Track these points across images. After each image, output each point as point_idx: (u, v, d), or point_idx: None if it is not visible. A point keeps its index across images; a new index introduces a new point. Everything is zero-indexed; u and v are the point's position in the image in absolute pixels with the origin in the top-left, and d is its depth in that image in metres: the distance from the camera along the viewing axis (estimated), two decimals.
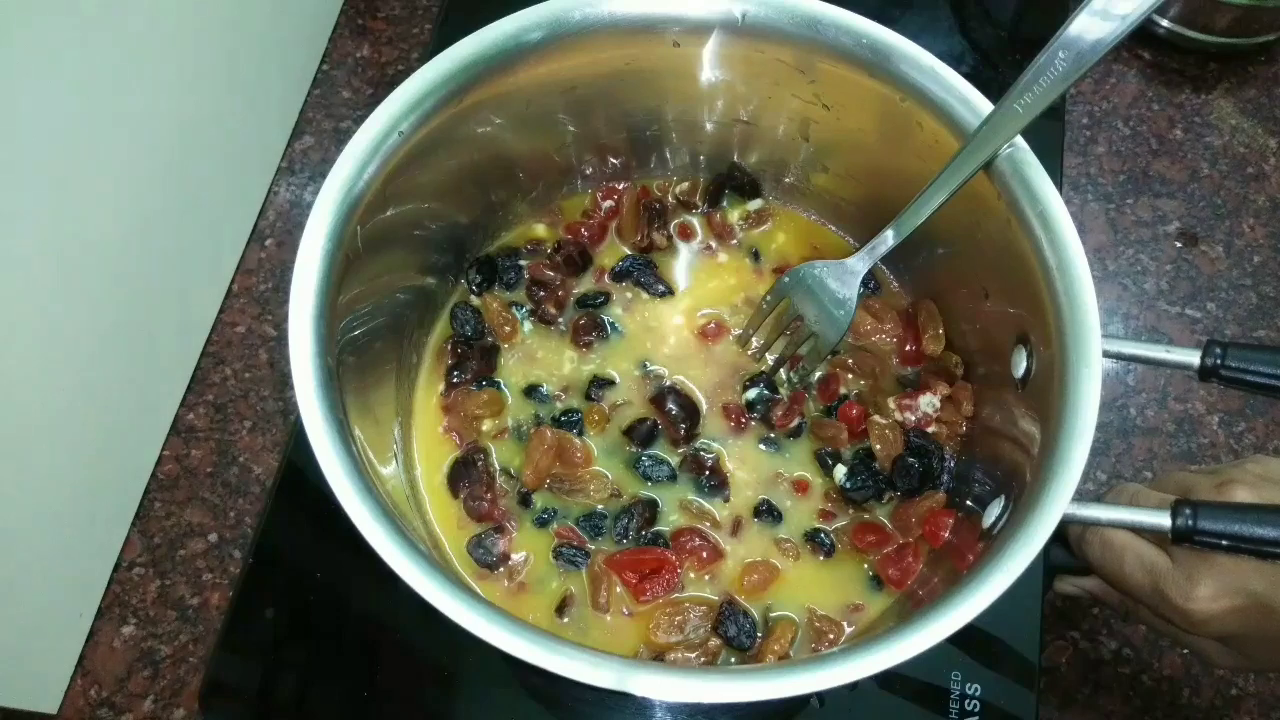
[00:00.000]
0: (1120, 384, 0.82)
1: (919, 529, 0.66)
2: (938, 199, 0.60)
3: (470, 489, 0.68)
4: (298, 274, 0.56)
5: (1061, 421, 0.53)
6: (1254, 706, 0.72)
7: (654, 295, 0.75)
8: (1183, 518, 0.53)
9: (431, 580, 0.49)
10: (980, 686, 0.65)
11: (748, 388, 0.71)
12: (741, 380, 0.72)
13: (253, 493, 0.78)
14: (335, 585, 0.70)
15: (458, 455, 0.69)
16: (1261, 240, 0.88)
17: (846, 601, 0.65)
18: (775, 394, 0.71)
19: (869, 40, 0.63)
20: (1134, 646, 0.73)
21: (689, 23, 0.65)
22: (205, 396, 0.81)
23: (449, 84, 0.61)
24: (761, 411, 0.71)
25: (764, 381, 0.71)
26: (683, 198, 0.78)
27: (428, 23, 0.97)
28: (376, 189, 0.60)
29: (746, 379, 0.72)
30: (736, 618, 0.63)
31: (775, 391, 0.71)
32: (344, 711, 0.67)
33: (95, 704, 0.71)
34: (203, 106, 0.79)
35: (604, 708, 0.67)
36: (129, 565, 0.75)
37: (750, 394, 0.71)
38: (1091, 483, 0.78)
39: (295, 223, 0.88)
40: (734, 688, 0.48)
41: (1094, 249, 0.87)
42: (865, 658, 0.48)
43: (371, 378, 0.65)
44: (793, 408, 0.71)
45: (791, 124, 0.72)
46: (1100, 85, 0.95)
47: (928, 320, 0.72)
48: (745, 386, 0.71)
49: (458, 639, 0.48)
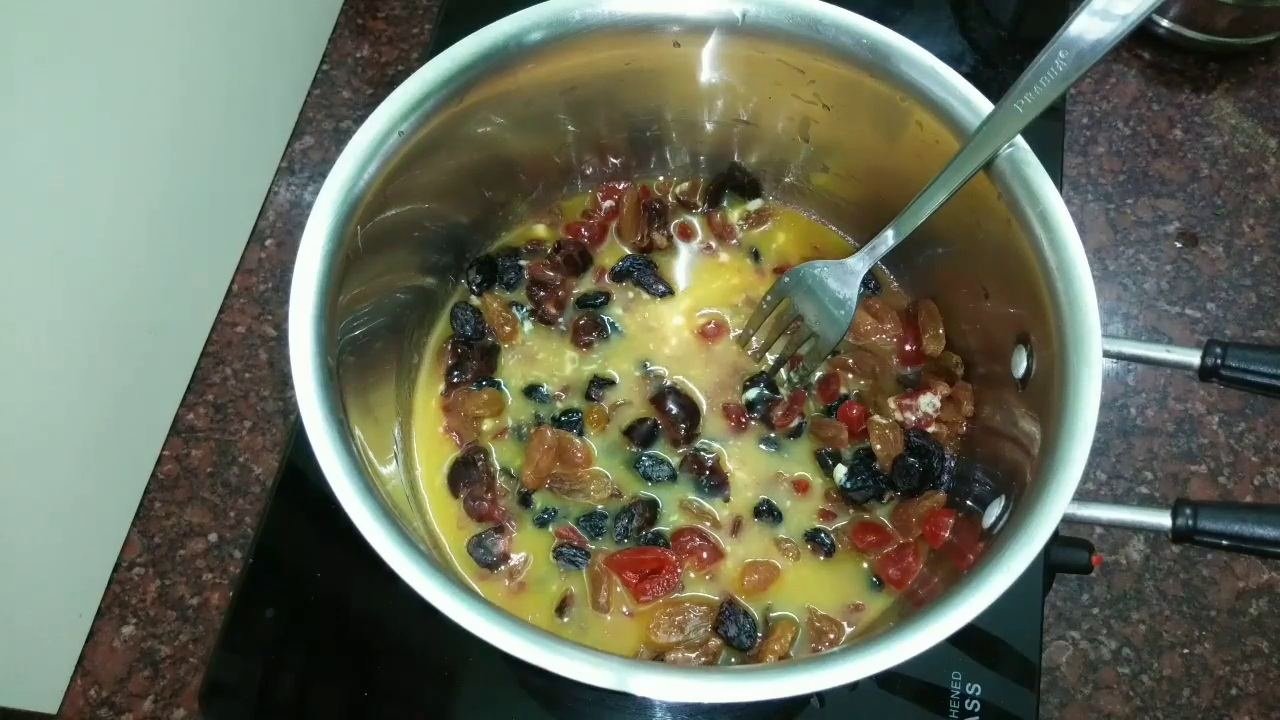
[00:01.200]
0: (1120, 384, 0.82)
1: (919, 529, 0.66)
2: (938, 199, 0.60)
3: (470, 489, 0.68)
4: (298, 274, 0.56)
5: (1061, 421, 0.53)
6: (1254, 706, 0.72)
7: (654, 295, 0.75)
8: (1183, 517, 0.53)
9: (431, 580, 0.50)
10: (980, 686, 0.65)
11: (748, 388, 0.71)
12: (742, 380, 0.72)
13: (253, 493, 0.78)
14: (335, 585, 0.70)
15: (458, 455, 0.69)
16: (1261, 240, 0.88)
17: (846, 601, 0.65)
18: (775, 394, 0.71)
19: (869, 40, 0.62)
20: (1134, 646, 0.74)
21: (689, 23, 0.65)
22: (205, 396, 0.81)
23: (449, 84, 0.61)
24: (762, 411, 0.71)
25: (764, 382, 0.71)
26: (683, 198, 0.78)
27: (428, 23, 0.97)
28: (376, 189, 0.60)
29: (746, 379, 0.72)
30: (737, 618, 0.63)
31: (775, 392, 0.71)
32: (344, 711, 0.67)
33: (95, 704, 0.71)
34: (203, 107, 0.79)
35: (604, 708, 0.67)
36: (129, 565, 0.75)
37: (750, 394, 0.71)
38: (1091, 483, 0.78)
39: (295, 223, 0.88)
40: (734, 688, 0.48)
41: (1094, 249, 0.87)
42: (865, 658, 0.49)
43: (371, 378, 0.65)
44: (793, 408, 0.71)
45: (791, 124, 0.72)
46: (1100, 85, 0.95)
47: (928, 320, 0.72)
48: (745, 386, 0.71)
49: (458, 639, 0.48)
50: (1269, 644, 0.73)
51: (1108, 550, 0.76)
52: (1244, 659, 0.73)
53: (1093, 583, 0.75)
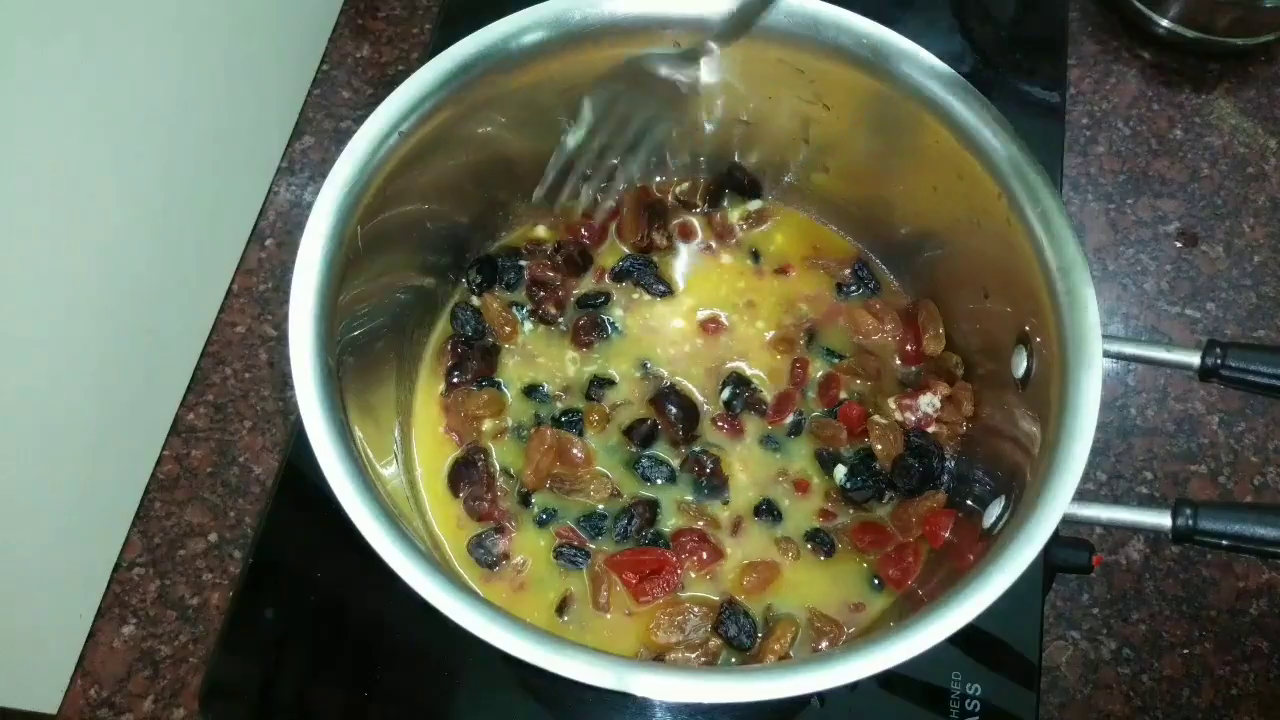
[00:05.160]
0: (1120, 384, 0.82)
1: (919, 529, 0.66)
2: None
3: (470, 489, 0.68)
4: (298, 274, 0.56)
5: (1061, 421, 0.53)
6: (1254, 706, 0.72)
7: (654, 295, 0.75)
8: (1183, 517, 0.53)
9: (431, 580, 0.50)
10: (980, 686, 0.65)
11: (722, 389, 0.71)
12: (721, 381, 0.72)
13: (253, 493, 0.78)
14: (335, 585, 0.70)
15: (458, 455, 0.69)
16: (1261, 240, 0.88)
17: (846, 601, 0.65)
18: (749, 387, 0.71)
19: (869, 40, 0.63)
20: (1134, 646, 0.74)
21: (689, 23, 0.65)
22: (205, 396, 0.81)
23: (449, 84, 0.61)
24: (739, 407, 0.70)
25: (733, 379, 0.71)
26: (683, 198, 0.78)
27: (428, 23, 0.97)
28: (376, 189, 0.60)
29: (721, 381, 0.72)
30: (737, 618, 0.63)
31: (748, 386, 0.71)
32: (344, 712, 0.67)
33: (95, 704, 0.71)
34: (203, 107, 0.79)
35: (604, 708, 0.67)
36: (129, 565, 0.75)
37: (724, 394, 0.71)
38: (1091, 483, 0.78)
39: (295, 223, 0.88)
40: (734, 688, 0.48)
41: (1094, 249, 0.87)
42: (865, 658, 0.49)
43: (372, 378, 0.65)
44: (786, 399, 0.70)
45: (791, 124, 0.72)
46: (1100, 85, 0.95)
47: (928, 320, 0.72)
48: (720, 388, 0.71)
49: (458, 639, 0.48)
50: (1269, 644, 0.73)
51: (1108, 550, 0.76)
52: (1244, 659, 0.73)
53: (1093, 583, 0.75)
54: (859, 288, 0.75)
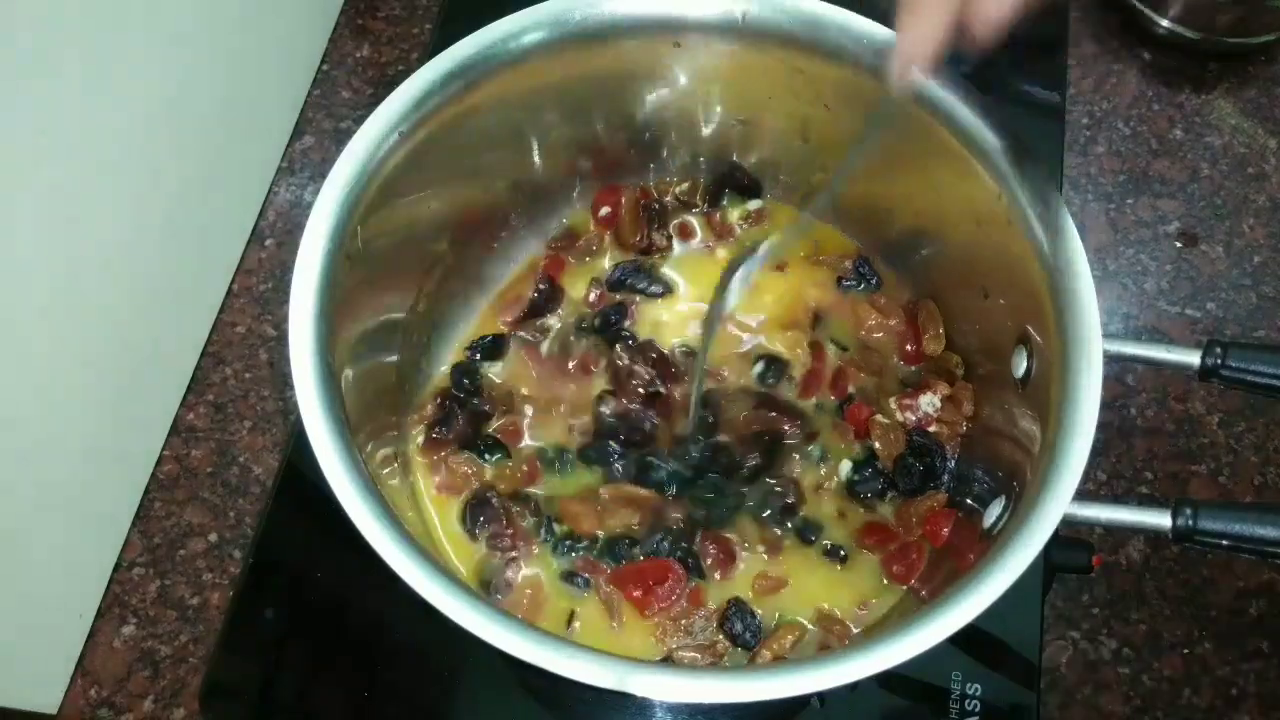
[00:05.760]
0: (1120, 384, 0.82)
1: (920, 529, 0.66)
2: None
3: (491, 527, 0.66)
4: (298, 274, 0.56)
5: (1062, 421, 0.53)
6: (1254, 706, 0.72)
7: (652, 297, 0.75)
8: (1183, 517, 0.53)
9: (432, 580, 0.50)
10: (980, 686, 0.65)
11: (754, 365, 0.72)
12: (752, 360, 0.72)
13: (253, 493, 0.78)
14: (335, 585, 0.70)
15: (467, 497, 0.68)
16: (1261, 240, 0.88)
17: (856, 600, 0.65)
18: (781, 363, 0.72)
19: (869, 40, 0.62)
20: (1134, 646, 0.73)
21: (689, 23, 0.65)
22: (205, 396, 0.81)
23: (449, 84, 0.61)
24: (773, 382, 0.71)
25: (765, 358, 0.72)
26: (683, 198, 0.78)
27: (428, 23, 0.97)
28: (376, 189, 0.60)
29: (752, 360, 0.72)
30: (743, 615, 0.63)
31: (779, 361, 0.72)
32: (344, 711, 0.67)
33: (95, 704, 0.71)
34: (203, 106, 0.79)
35: (604, 708, 0.67)
36: (129, 565, 0.75)
37: (757, 368, 0.72)
38: (1091, 483, 0.78)
39: (295, 223, 0.88)
40: (734, 688, 0.48)
41: (1094, 249, 0.87)
42: (865, 658, 0.49)
43: (372, 381, 0.65)
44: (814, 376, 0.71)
45: (791, 124, 0.72)
46: (1100, 85, 0.95)
47: (928, 320, 0.72)
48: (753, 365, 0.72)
49: (458, 639, 0.48)
50: (1269, 644, 0.73)
51: (1108, 550, 0.76)
52: (1244, 659, 0.73)
53: (1093, 583, 0.75)
54: (860, 283, 0.75)
